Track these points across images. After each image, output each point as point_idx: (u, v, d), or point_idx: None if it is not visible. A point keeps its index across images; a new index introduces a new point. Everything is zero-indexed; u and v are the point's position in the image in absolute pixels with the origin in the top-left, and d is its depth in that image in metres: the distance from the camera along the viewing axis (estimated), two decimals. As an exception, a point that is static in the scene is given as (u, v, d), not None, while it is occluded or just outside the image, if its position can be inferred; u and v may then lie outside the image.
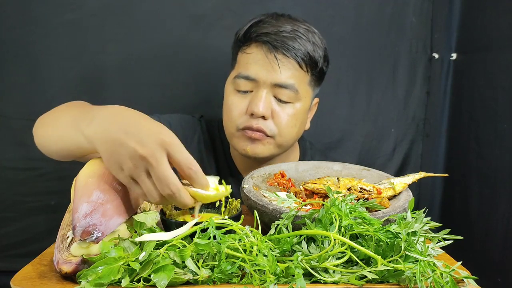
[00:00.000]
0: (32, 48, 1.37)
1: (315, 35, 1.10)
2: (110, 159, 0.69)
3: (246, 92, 1.09)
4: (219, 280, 0.62)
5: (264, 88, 1.06)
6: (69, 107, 0.93)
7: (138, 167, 0.66)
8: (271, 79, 1.05)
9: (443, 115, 1.57)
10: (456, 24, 1.51)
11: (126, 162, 0.66)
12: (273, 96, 1.07)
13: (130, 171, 0.67)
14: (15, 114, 1.39)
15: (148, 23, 1.41)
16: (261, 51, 1.06)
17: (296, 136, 1.14)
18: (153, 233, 0.66)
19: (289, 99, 1.07)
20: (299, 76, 1.07)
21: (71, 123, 0.78)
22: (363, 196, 0.85)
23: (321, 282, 0.63)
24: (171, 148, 0.66)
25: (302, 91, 1.09)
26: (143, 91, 1.44)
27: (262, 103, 1.05)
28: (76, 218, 0.66)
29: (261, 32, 1.06)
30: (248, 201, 0.82)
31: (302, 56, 1.06)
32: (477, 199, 1.41)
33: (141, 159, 0.65)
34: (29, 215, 1.43)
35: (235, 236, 0.63)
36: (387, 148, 1.59)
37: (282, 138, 1.10)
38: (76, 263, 0.64)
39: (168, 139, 0.66)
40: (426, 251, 0.66)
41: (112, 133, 0.68)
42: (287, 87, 1.06)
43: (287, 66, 1.06)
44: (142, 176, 0.67)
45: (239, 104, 1.09)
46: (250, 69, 1.07)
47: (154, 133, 0.67)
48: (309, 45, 1.07)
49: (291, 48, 1.05)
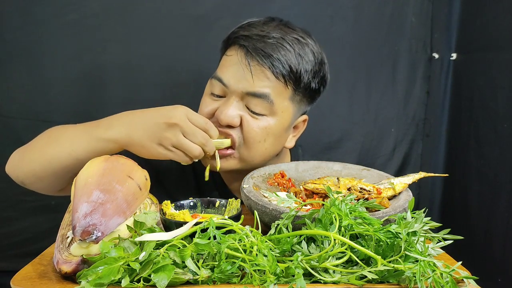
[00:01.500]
0: (33, 48, 1.38)
1: (306, 47, 1.00)
2: (146, 143, 0.88)
3: (220, 97, 1.02)
4: (219, 280, 0.62)
5: (235, 95, 0.99)
6: (56, 130, 0.99)
7: (175, 134, 0.87)
8: (243, 88, 0.98)
9: (443, 115, 1.57)
10: (456, 24, 1.51)
11: (164, 135, 0.87)
12: (246, 106, 0.99)
13: (170, 141, 0.87)
14: (16, 114, 1.40)
15: (148, 24, 1.42)
16: (237, 55, 0.99)
17: (263, 154, 1.03)
18: (153, 233, 0.66)
19: (262, 111, 0.98)
20: (275, 88, 0.98)
21: (80, 136, 0.91)
22: (363, 196, 0.85)
23: (321, 282, 0.63)
24: (188, 115, 0.89)
25: (279, 105, 0.99)
26: (144, 91, 1.44)
27: (229, 111, 0.97)
28: (76, 218, 0.66)
29: (243, 34, 1.00)
30: (248, 201, 0.82)
31: (281, 68, 0.96)
32: (477, 199, 1.41)
33: (174, 126, 0.87)
34: (29, 215, 1.44)
35: (235, 236, 0.63)
36: (387, 148, 1.58)
37: (247, 152, 1.01)
38: (76, 263, 0.64)
39: (183, 109, 0.89)
40: (426, 251, 0.66)
41: (139, 124, 0.88)
42: (260, 97, 0.97)
43: (260, 75, 0.97)
44: (180, 138, 0.88)
45: (208, 107, 1.02)
46: (224, 72, 1.00)
47: (172, 108, 0.89)
48: (293, 57, 0.97)
49: (268, 56, 0.96)
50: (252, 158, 1.02)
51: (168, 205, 0.83)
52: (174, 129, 0.87)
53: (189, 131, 0.88)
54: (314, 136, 1.41)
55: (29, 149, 0.99)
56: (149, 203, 0.83)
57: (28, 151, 0.99)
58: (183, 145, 0.88)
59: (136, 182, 0.77)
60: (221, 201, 0.86)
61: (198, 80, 1.47)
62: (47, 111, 1.42)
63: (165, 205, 0.83)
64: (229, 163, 1.02)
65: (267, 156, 1.05)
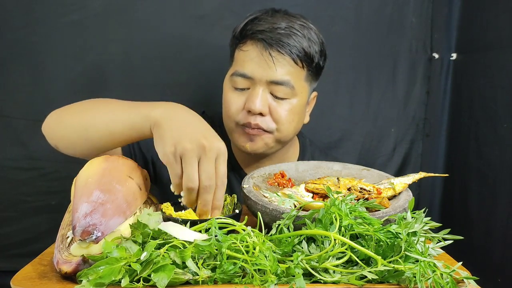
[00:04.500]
0: (34, 48, 1.38)
1: (311, 30, 1.11)
2: (168, 135, 0.78)
3: (243, 90, 1.10)
4: (221, 280, 0.62)
5: (260, 85, 1.07)
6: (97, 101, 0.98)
7: (193, 150, 0.76)
8: (267, 77, 1.06)
9: (443, 115, 1.57)
10: (456, 24, 1.51)
11: (184, 142, 0.76)
12: (270, 93, 1.08)
13: (183, 151, 0.75)
14: (17, 114, 1.40)
15: (149, 23, 1.42)
16: (257, 48, 1.07)
17: (294, 131, 1.15)
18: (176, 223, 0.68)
19: (285, 95, 1.08)
20: (294, 72, 1.08)
21: (123, 109, 0.88)
22: (363, 196, 0.85)
23: (321, 282, 0.63)
24: (221, 157, 0.78)
25: (298, 87, 1.10)
26: (145, 91, 1.44)
27: (258, 100, 1.06)
28: (76, 218, 0.66)
29: (256, 29, 1.07)
30: (248, 201, 0.82)
31: (297, 53, 1.07)
32: (477, 199, 1.41)
33: (200, 147, 0.76)
34: (30, 215, 1.44)
35: (237, 237, 0.63)
36: (387, 148, 1.58)
37: (281, 133, 1.11)
38: (76, 263, 0.64)
39: (223, 149, 0.79)
40: (427, 251, 0.66)
41: (181, 115, 0.83)
42: (282, 84, 1.07)
43: (282, 63, 1.06)
44: (192, 160, 0.76)
45: (236, 101, 1.10)
46: (246, 67, 1.08)
47: (217, 138, 0.80)
48: (304, 41, 1.08)
49: (286, 45, 1.06)
50: (286, 137, 1.13)
51: (169, 207, 0.83)
52: (198, 147, 0.76)
53: (206, 165, 0.77)
54: (314, 136, 1.41)
55: (67, 113, 0.97)
56: (149, 203, 0.83)
57: (66, 115, 0.97)
58: (187, 165, 0.77)
59: (136, 182, 0.77)
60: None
61: (199, 79, 1.47)
62: (47, 111, 1.41)
63: (166, 207, 0.83)
64: (266, 145, 1.11)
65: (296, 132, 1.17)
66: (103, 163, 0.77)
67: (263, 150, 1.12)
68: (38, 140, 1.23)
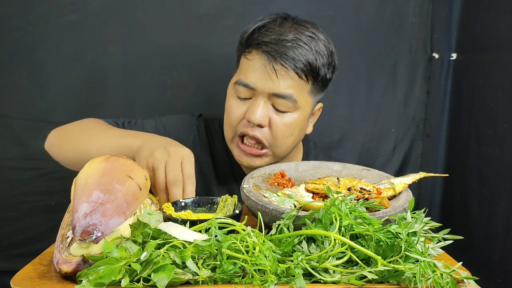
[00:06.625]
0: (34, 48, 1.38)
1: (320, 42, 1.09)
2: (144, 156, 0.92)
3: (246, 99, 1.09)
4: (221, 280, 0.62)
5: (262, 97, 1.07)
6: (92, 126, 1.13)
7: (160, 156, 0.90)
8: (269, 89, 1.06)
9: (443, 115, 1.57)
10: (456, 24, 1.51)
11: (154, 153, 0.90)
12: (272, 105, 1.08)
13: (153, 160, 0.90)
14: (17, 114, 1.40)
15: (149, 24, 1.42)
16: (260, 60, 1.06)
17: (292, 145, 1.14)
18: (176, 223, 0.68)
19: (287, 109, 1.08)
20: (297, 86, 1.07)
21: (113, 138, 1.03)
22: (363, 196, 0.85)
23: (321, 282, 0.63)
24: (185, 159, 0.91)
25: (301, 101, 1.08)
26: (144, 91, 1.44)
27: (259, 112, 1.06)
28: (76, 218, 0.66)
29: (262, 40, 1.06)
30: (248, 201, 0.82)
31: (302, 66, 1.05)
32: (477, 199, 1.41)
33: (166, 152, 0.90)
34: (29, 215, 1.44)
35: (237, 237, 0.63)
36: (387, 148, 1.59)
37: (278, 148, 1.11)
38: (76, 263, 0.64)
39: (188, 153, 0.92)
40: (427, 251, 0.65)
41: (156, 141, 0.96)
42: (284, 97, 1.06)
43: (285, 76, 1.05)
44: (160, 164, 0.89)
45: (237, 110, 1.10)
46: (249, 77, 1.07)
47: (182, 146, 0.95)
48: (311, 54, 1.06)
49: (290, 59, 1.04)
50: (283, 152, 1.13)
51: (169, 207, 0.83)
52: (164, 153, 0.90)
53: (171, 163, 0.89)
54: (314, 136, 1.41)
55: (66, 136, 1.12)
56: (149, 203, 0.83)
57: (65, 137, 1.12)
58: (156, 169, 0.90)
59: (136, 182, 0.77)
60: (212, 199, 0.87)
61: (199, 80, 1.47)
62: (47, 111, 1.42)
63: (166, 208, 0.83)
64: (263, 161, 1.12)
65: (294, 146, 1.16)
66: (103, 163, 0.77)
67: (259, 165, 1.11)
68: (38, 140, 1.23)
